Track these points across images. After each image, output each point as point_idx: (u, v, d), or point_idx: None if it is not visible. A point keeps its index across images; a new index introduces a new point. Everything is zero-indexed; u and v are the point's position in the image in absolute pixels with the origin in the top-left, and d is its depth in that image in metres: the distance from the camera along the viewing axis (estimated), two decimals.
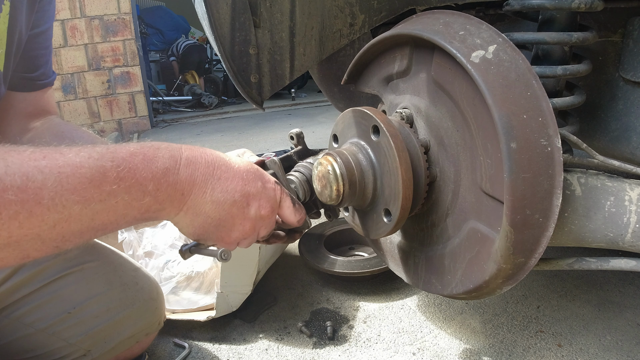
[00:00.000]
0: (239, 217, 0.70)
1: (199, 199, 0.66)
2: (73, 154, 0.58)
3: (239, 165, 0.71)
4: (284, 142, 3.79)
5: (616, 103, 0.97)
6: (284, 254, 1.77)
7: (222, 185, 0.67)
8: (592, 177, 0.79)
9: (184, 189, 0.64)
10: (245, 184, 0.69)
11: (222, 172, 0.68)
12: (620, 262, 0.80)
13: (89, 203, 0.57)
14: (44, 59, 1.03)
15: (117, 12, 4.57)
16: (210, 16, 1.18)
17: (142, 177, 0.61)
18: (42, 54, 1.01)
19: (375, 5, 1.23)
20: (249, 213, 0.70)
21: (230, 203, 0.68)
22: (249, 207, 0.70)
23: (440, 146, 0.80)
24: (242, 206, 0.69)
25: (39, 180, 0.54)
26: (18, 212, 0.52)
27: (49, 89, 1.07)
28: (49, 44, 1.03)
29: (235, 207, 0.69)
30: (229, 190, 0.68)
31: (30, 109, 1.02)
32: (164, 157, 0.63)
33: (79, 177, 0.56)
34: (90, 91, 4.63)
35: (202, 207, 0.67)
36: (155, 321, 1.16)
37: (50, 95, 1.08)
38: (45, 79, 1.04)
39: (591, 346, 1.23)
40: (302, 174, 0.85)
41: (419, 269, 0.90)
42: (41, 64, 1.02)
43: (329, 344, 1.29)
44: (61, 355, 1.03)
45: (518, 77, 0.69)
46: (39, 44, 0.99)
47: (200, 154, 0.67)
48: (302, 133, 0.91)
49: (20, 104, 1.00)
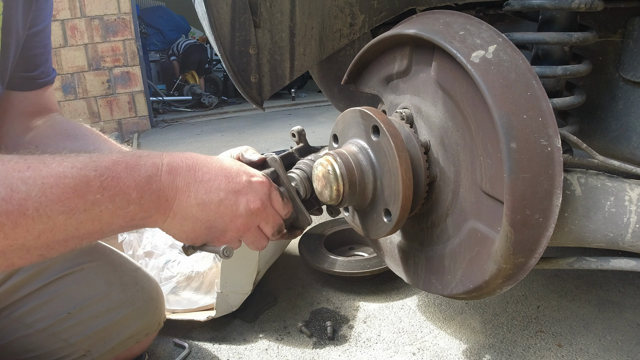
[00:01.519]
0: (228, 215, 0.69)
1: (184, 203, 0.66)
2: (56, 164, 0.58)
3: (220, 164, 0.71)
4: (284, 142, 3.79)
5: (616, 103, 0.97)
6: (284, 254, 1.77)
7: (205, 186, 0.67)
8: (592, 177, 0.79)
9: (168, 194, 0.65)
10: (228, 181, 0.69)
11: (203, 173, 0.68)
12: (620, 262, 0.80)
13: (73, 213, 0.58)
14: (43, 57, 1.02)
15: (117, 12, 4.57)
16: (210, 16, 1.18)
17: (126, 186, 0.61)
18: (41, 52, 1.01)
19: (375, 5, 1.23)
20: (238, 209, 0.70)
21: (216, 202, 0.68)
22: (237, 204, 0.69)
23: (440, 146, 0.80)
24: (229, 204, 0.69)
25: (23, 191, 0.55)
26: (3, 224, 0.53)
27: (50, 86, 1.06)
28: (48, 42, 1.03)
29: (222, 205, 0.68)
30: (213, 189, 0.67)
31: (31, 107, 1.01)
32: (146, 164, 0.64)
33: (63, 187, 0.57)
34: (90, 91, 4.63)
35: (188, 211, 0.67)
36: (155, 321, 1.16)
37: (51, 93, 1.07)
38: (45, 77, 1.03)
39: (591, 346, 1.23)
40: (303, 171, 0.85)
41: (419, 269, 0.90)
42: (40, 63, 1.01)
43: (329, 344, 1.29)
44: (61, 355, 1.03)
45: (518, 77, 0.69)
46: (38, 42, 0.99)
47: (181, 159, 0.68)
48: (303, 130, 0.91)
49: (21, 103, 1.00)
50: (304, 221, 0.84)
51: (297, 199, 0.83)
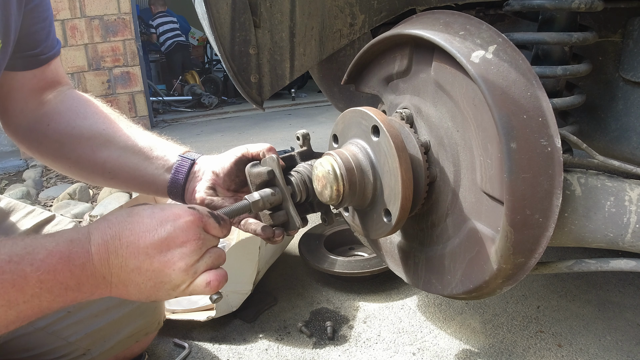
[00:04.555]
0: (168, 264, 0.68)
1: (121, 275, 0.67)
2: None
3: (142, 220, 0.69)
4: (284, 142, 3.79)
5: (616, 103, 0.97)
6: (284, 254, 1.77)
7: (132, 250, 0.67)
8: (592, 177, 0.79)
9: (104, 273, 0.66)
10: (152, 235, 0.68)
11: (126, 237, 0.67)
12: (620, 263, 0.80)
13: (13, 305, 0.61)
14: (44, 32, 0.98)
15: (117, 12, 4.57)
16: (210, 16, 1.18)
17: (63, 277, 0.63)
18: (41, 27, 0.97)
19: (375, 5, 1.23)
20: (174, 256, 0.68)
21: (148, 261, 0.67)
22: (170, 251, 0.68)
23: (440, 146, 0.80)
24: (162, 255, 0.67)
25: None
26: None
27: (56, 59, 1.03)
28: (47, 14, 0.98)
29: (155, 260, 0.67)
30: (140, 250, 0.67)
31: (41, 83, 1.00)
32: (78, 252, 0.65)
33: (2, 282, 0.60)
34: (90, 91, 4.60)
35: (126, 278, 0.67)
36: (155, 321, 1.16)
37: (58, 65, 1.04)
38: (48, 51, 1.00)
39: (591, 346, 1.23)
40: (301, 174, 0.85)
41: (419, 269, 0.90)
42: (42, 38, 0.98)
43: (329, 344, 1.29)
44: (60, 354, 1.03)
45: (518, 77, 0.69)
46: (35, 18, 0.95)
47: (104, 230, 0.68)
48: (308, 135, 0.90)
49: (30, 82, 0.98)
50: (293, 224, 0.83)
51: (290, 202, 0.82)
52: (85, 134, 0.96)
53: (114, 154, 0.95)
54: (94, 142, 0.96)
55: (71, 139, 0.96)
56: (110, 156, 0.95)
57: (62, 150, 0.97)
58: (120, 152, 0.95)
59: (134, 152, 0.95)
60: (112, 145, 0.96)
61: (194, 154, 0.95)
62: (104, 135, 0.96)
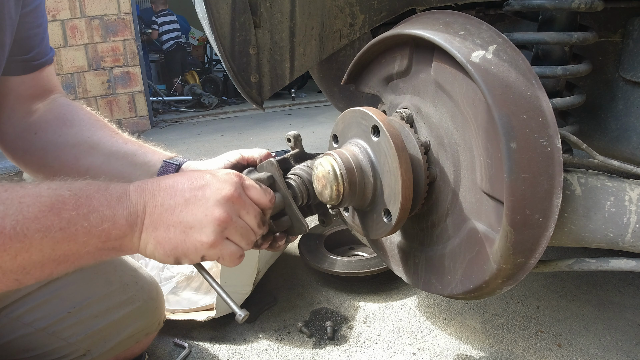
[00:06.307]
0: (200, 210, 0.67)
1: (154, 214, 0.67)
2: (32, 186, 0.61)
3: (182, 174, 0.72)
4: (283, 142, 3.79)
5: (616, 103, 0.97)
6: (284, 254, 1.77)
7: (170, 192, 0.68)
8: (592, 177, 0.79)
9: (138, 210, 0.67)
10: (191, 181, 0.69)
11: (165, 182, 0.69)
12: (620, 263, 0.80)
13: (49, 231, 0.60)
14: (38, 38, 0.98)
15: (117, 12, 4.57)
16: (210, 16, 1.18)
17: (99, 204, 0.64)
18: (35, 32, 0.96)
19: (375, 5, 1.23)
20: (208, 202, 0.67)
21: (182, 203, 0.67)
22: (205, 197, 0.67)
23: (440, 146, 0.80)
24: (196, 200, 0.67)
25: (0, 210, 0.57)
26: None
27: (48, 67, 1.02)
28: (42, 20, 0.98)
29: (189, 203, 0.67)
30: (177, 192, 0.68)
31: (30, 91, 0.99)
32: (115, 187, 0.67)
33: (40, 205, 0.59)
34: (90, 91, 4.63)
35: (158, 219, 0.67)
36: (155, 321, 1.16)
37: (51, 73, 1.03)
38: (41, 57, 0.99)
39: (591, 346, 1.23)
40: (300, 177, 0.84)
41: (419, 269, 0.90)
42: (35, 44, 0.97)
43: (329, 344, 1.29)
44: (61, 354, 1.03)
45: (518, 77, 0.69)
46: (31, 22, 0.94)
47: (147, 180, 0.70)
48: (299, 136, 0.89)
49: (20, 88, 0.97)
50: (299, 228, 0.82)
51: (293, 205, 0.81)
52: (70, 142, 0.96)
53: (97, 160, 0.95)
54: (78, 149, 0.95)
55: (55, 147, 0.96)
56: (94, 163, 0.95)
57: (45, 158, 0.96)
58: (104, 159, 0.95)
59: (118, 158, 0.95)
60: (96, 152, 0.95)
61: (180, 159, 0.95)
62: (89, 143, 0.96)
